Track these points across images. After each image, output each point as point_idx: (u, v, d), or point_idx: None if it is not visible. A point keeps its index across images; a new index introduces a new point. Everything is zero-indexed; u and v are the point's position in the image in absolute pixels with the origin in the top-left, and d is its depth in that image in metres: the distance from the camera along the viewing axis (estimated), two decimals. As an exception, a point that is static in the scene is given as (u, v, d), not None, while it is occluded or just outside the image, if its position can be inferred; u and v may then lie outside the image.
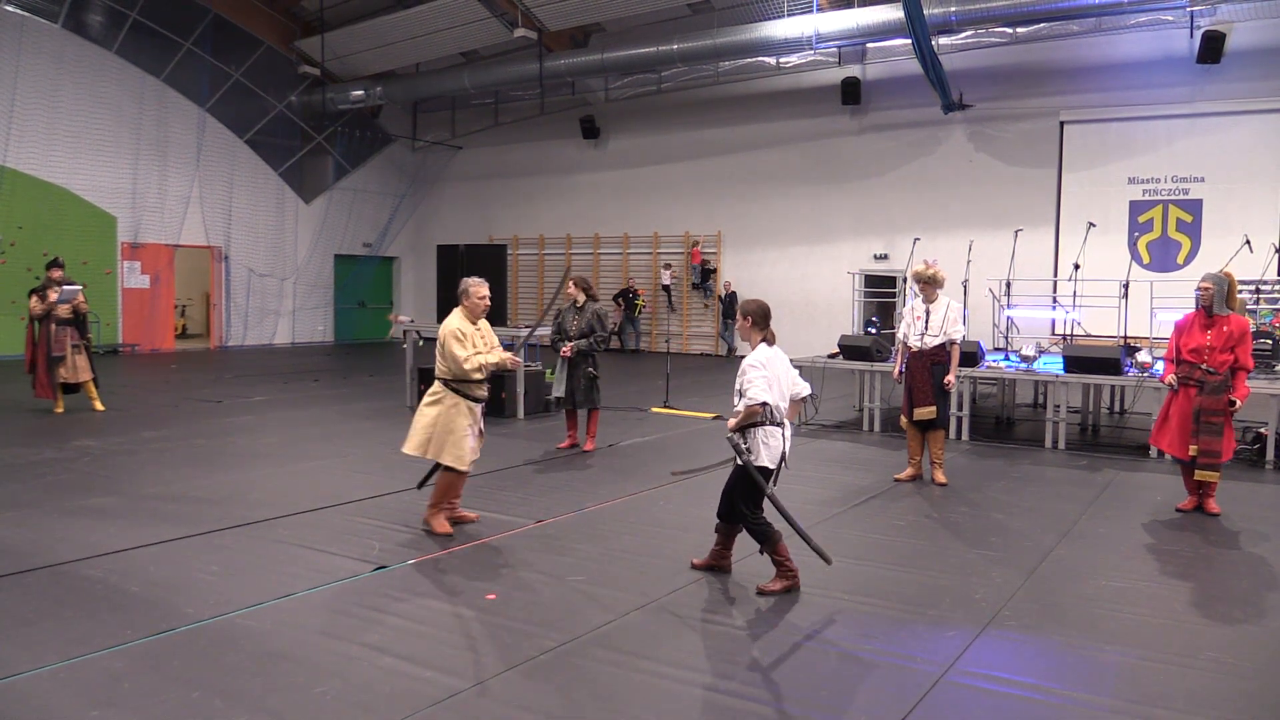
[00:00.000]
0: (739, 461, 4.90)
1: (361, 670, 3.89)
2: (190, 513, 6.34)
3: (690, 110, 20.75)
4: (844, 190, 19.10)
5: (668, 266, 21.02)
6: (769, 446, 4.89)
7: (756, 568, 5.16)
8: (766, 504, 4.97)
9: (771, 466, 4.93)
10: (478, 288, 5.92)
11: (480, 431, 6.05)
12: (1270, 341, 9.73)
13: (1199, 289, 6.73)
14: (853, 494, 7.31)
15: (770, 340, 5.02)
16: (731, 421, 4.94)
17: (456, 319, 5.88)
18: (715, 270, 20.51)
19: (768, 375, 4.85)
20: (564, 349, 8.72)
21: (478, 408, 5.98)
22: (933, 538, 6.10)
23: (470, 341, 5.85)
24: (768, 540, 4.93)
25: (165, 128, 19.72)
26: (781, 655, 4.20)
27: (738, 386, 4.94)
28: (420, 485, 6.54)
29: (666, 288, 20.97)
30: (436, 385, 5.93)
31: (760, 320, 5.00)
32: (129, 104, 19.14)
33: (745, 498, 4.95)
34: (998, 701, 3.74)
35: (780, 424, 4.93)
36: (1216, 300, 6.64)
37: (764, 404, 4.82)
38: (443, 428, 5.85)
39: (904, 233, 16.64)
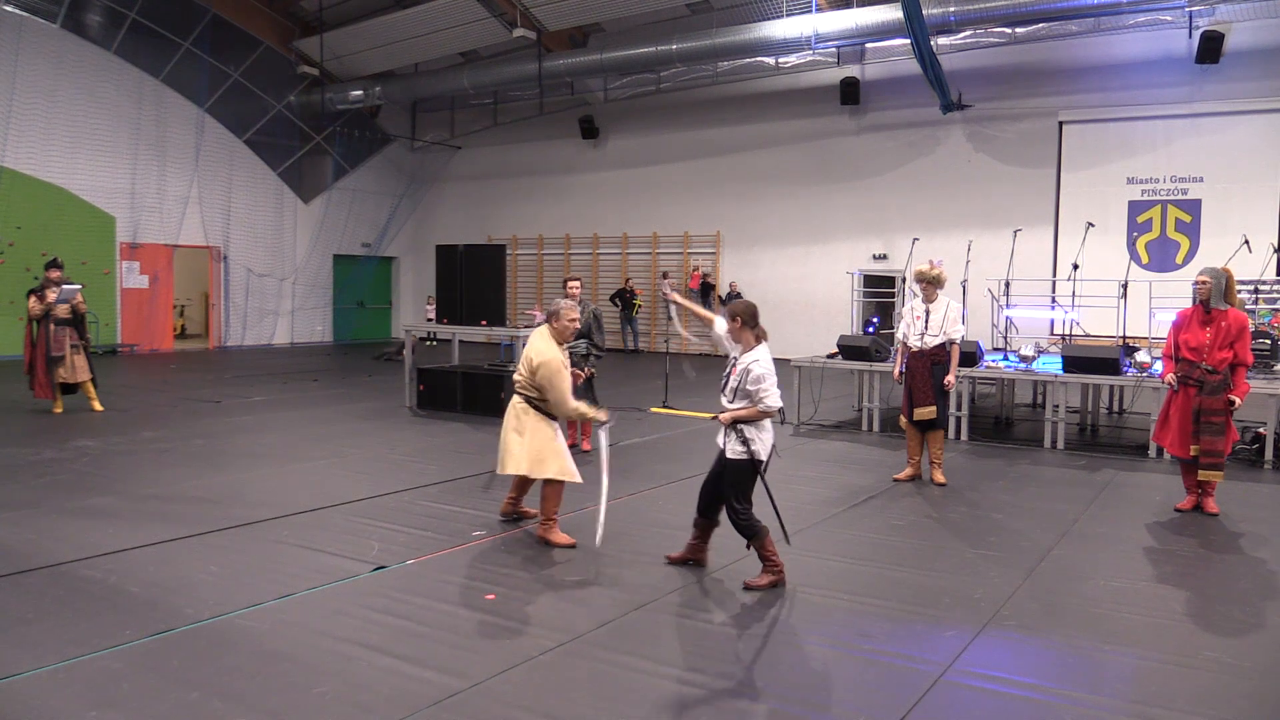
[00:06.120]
0: (730, 456, 4.96)
1: (361, 670, 3.89)
2: (190, 513, 6.33)
3: (689, 110, 20.75)
4: (843, 190, 19.10)
5: (665, 275, 20.87)
6: (763, 440, 4.98)
7: (749, 568, 5.14)
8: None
9: (765, 458, 5.01)
10: (569, 311, 5.92)
11: None
12: (1269, 341, 9.73)
13: (1196, 283, 6.69)
14: (852, 494, 7.31)
15: (762, 336, 5.06)
16: (727, 416, 4.95)
17: (550, 345, 5.79)
18: (714, 285, 20.49)
19: (775, 377, 4.94)
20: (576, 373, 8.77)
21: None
22: (932, 538, 6.10)
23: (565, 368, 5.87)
24: (755, 535, 4.98)
25: (164, 128, 19.69)
26: (781, 655, 4.20)
27: (744, 386, 4.92)
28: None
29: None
30: (525, 404, 5.82)
31: (750, 320, 5.02)
32: (128, 104, 19.11)
33: (737, 492, 4.99)
34: (997, 701, 3.74)
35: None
36: (1214, 295, 6.59)
37: (780, 409, 4.96)
38: (549, 445, 5.81)
39: (903, 233, 16.64)
